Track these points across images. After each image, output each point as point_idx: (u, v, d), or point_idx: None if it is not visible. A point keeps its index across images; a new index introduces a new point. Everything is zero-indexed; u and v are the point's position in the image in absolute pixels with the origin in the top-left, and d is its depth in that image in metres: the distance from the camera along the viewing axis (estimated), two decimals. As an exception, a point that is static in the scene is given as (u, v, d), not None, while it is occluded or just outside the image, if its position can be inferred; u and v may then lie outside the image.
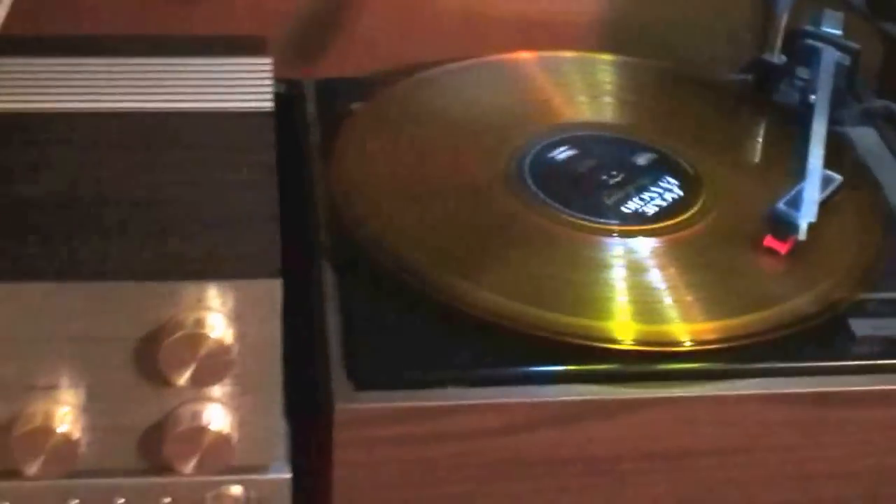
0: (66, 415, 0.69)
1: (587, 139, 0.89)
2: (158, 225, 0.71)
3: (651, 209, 0.82)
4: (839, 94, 0.90)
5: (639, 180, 0.85)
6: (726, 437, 0.75)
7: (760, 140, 0.94)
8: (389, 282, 0.77)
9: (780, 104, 0.94)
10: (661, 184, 0.84)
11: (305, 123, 0.92)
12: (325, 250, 0.81)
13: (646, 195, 0.83)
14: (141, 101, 0.82)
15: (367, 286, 0.78)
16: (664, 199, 0.83)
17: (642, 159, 0.87)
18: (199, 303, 0.68)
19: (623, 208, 0.82)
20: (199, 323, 0.68)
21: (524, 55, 0.98)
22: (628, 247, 0.80)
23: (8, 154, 0.77)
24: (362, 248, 0.79)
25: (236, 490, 0.73)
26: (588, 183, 0.84)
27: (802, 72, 0.92)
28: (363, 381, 0.73)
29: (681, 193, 0.84)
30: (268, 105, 0.82)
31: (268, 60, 0.86)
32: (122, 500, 0.73)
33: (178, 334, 0.67)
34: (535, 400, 0.73)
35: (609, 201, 0.83)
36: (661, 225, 0.81)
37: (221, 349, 0.68)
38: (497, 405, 0.73)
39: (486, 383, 0.73)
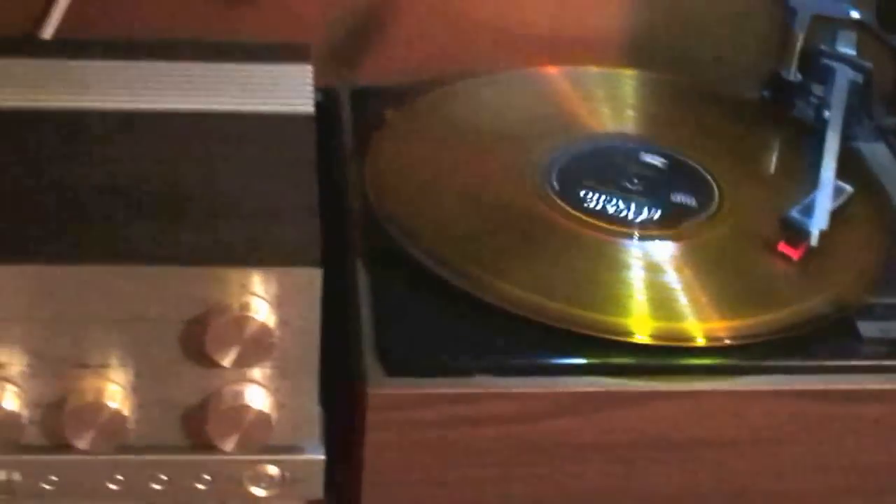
0: (115, 392, 0.73)
1: (610, 148, 0.91)
2: (207, 215, 0.74)
3: (669, 214, 0.85)
4: (852, 110, 0.92)
5: (658, 187, 0.87)
6: (737, 429, 0.77)
7: (776, 152, 0.96)
8: (420, 275, 0.80)
9: (795, 119, 0.96)
10: (679, 191, 0.87)
11: (341, 128, 0.95)
12: (358, 245, 0.84)
13: (665, 201, 0.86)
14: (192, 102, 0.85)
15: (398, 279, 0.81)
16: (682, 206, 0.86)
17: (662, 168, 0.90)
18: (244, 288, 0.71)
19: (643, 213, 0.84)
20: (244, 307, 0.71)
21: (551, 69, 1.01)
22: (647, 249, 0.82)
23: (69, 147, 0.80)
24: (394, 243, 0.82)
25: (272, 470, 0.76)
26: (610, 189, 0.86)
27: (817, 89, 0.95)
28: (394, 367, 0.76)
29: (698, 200, 0.86)
30: (309, 108, 0.85)
31: (309, 67, 0.89)
32: (165, 477, 0.76)
33: (225, 317, 0.71)
34: (557, 389, 0.76)
35: (629, 206, 0.85)
36: (679, 229, 0.84)
37: (264, 332, 0.71)
38: (520, 393, 0.76)
39: (510, 372, 0.76)
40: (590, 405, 0.76)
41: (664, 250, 0.82)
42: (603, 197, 0.86)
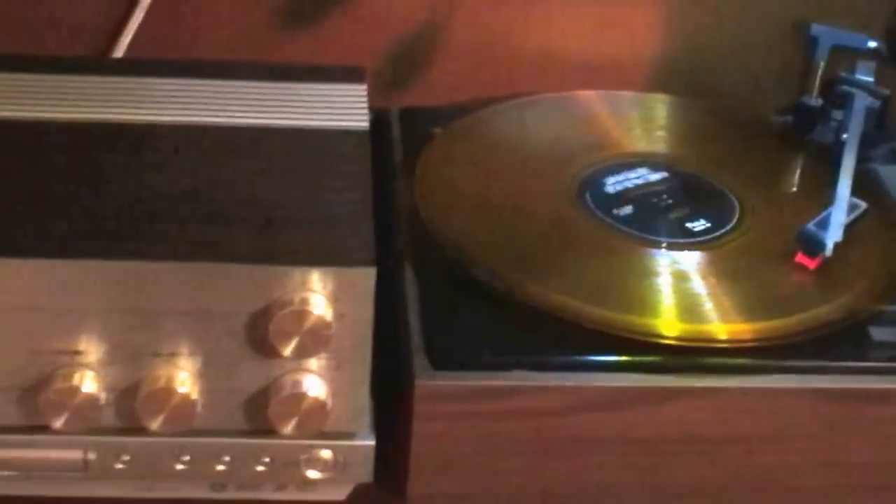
0: (185, 379, 0.77)
1: (641, 166, 0.95)
2: (271, 220, 0.78)
3: (695, 227, 0.89)
4: (869, 134, 0.95)
5: (685, 202, 0.91)
6: (757, 426, 0.81)
7: (796, 172, 1.00)
8: (463, 279, 0.84)
9: (815, 142, 1.00)
10: (705, 206, 0.91)
11: (391, 145, 0.99)
12: (406, 250, 0.88)
13: (691, 215, 0.90)
14: (255, 118, 0.89)
15: (443, 282, 0.85)
16: (707, 219, 0.90)
17: (689, 185, 0.94)
18: (304, 285, 0.75)
19: (670, 226, 0.89)
20: (304, 301, 0.75)
21: (588, 92, 1.05)
22: (674, 258, 0.86)
23: (143, 158, 0.84)
24: (439, 249, 0.86)
25: (326, 454, 0.80)
26: (641, 203, 0.91)
27: (837, 114, 0.98)
28: (440, 362, 0.80)
29: (723, 215, 0.90)
30: (364, 124, 0.89)
31: (364, 87, 0.93)
32: (228, 458, 0.80)
33: (287, 310, 0.75)
34: (589, 385, 0.80)
35: (658, 219, 0.89)
36: (704, 240, 0.88)
37: (322, 325, 0.75)
38: (555, 388, 0.79)
39: (546, 368, 0.80)
40: (619, 401, 0.80)
41: (690, 259, 0.86)
42: (633, 210, 0.90)
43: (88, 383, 0.76)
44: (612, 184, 0.93)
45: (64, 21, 1.06)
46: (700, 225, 0.90)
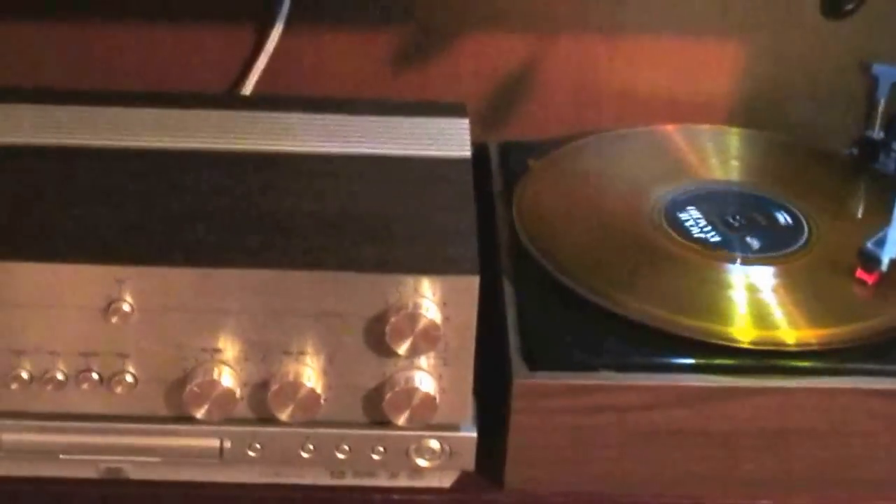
0: (311, 375, 0.83)
1: (717, 192, 1.00)
2: (388, 235, 0.85)
3: (767, 245, 0.94)
4: None
5: (757, 223, 0.96)
6: (822, 422, 0.85)
7: (859, 198, 1.05)
8: (556, 289, 0.90)
9: (878, 171, 1.05)
10: (775, 226, 0.96)
11: (491, 175, 1.05)
12: (506, 265, 0.94)
13: (763, 234, 0.95)
14: (370, 148, 0.96)
15: (539, 293, 0.91)
16: (778, 238, 0.95)
17: (761, 208, 0.98)
18: (416, 292, 0.81)
19: (744, 243, 0.94)
20: (417, 306, 0.81)
21: (668, 126, 1.10)
22: (748, 272, 0.91)
23: (273, 181, 0.91)
24: (535, 264, 0.92)
25: (434, 444, 0.86)
26: (717, 223, 0.96)
27: None
28: (535, 362, 0.85)
29: (792, 235, 0.95)
30: (466, 153, 0.95)
31: (466, 121, 0.99)
32: (348, 447, 0.86)
33: (401, 313, 0.81)
34: (670, 384, 0.85)
35: (734, 238, 0.95)
36: (775, 257, 0.93)
37: (432, 327, 0.81)
38: (640, 386, 0.85)
39: (631, 369, 0.85)
40: (697, 398, 0.85)
41: (762, 274, 0.91)
42: (711, 230, 0.95)
43: (226, 378, 0.83)
44: (691, 207, 0.98)
45: (198, 62, 1.13)
46: (771, 242, 0.95)
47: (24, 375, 0.84)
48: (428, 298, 0.82)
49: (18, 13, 1.11)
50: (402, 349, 0.83)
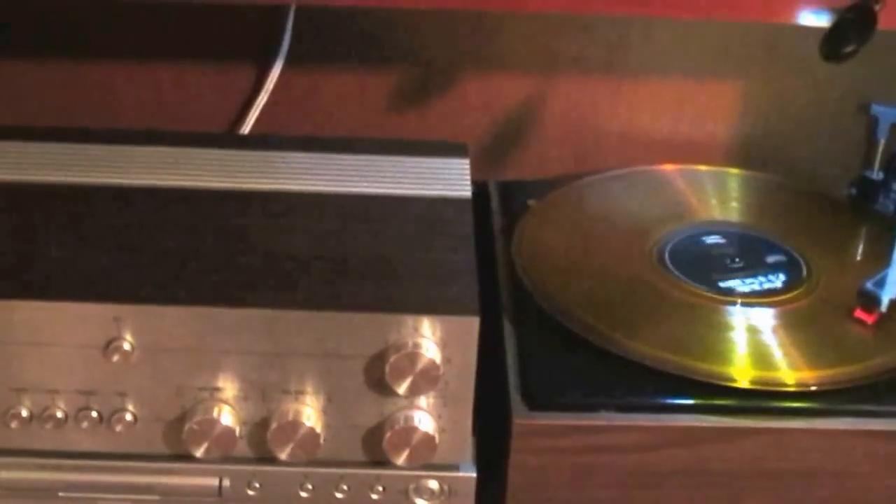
0: (310, 414, 0.84)
1: (716, 233, 1.01)
2: (387, 275, 0.85)
3: (766, 286, 0.95)
4: None
5: (757, 264, 0.97)
6: (818, 463, 0.86)
7: (858, 239, 1.05)
8: (555, 330, 0.90)
9: (877, 212, 1.06)
10: (775, 267, 0.97)
11: (491, 214, 1.06)
12: (505, 304, 0.95)
13: (762, 276, 0.96)
14: (370, 187, 0.96)
15: (538, 333, 0.91)
16: (777, 279, 0.96)
17: (760, 249, 0.99)
18: (416, 331, 0.82)
19: (743, 285, 0.95)
20: (417, 346, 0.82)
21: (668, 167, 1.11)
22: (747, 314, 0.92)
23: (280, 220, 0.92)
24: (534, 304, 0.93)
25: (433, 484, 0.86)
26: (717, 265, 0.97)
27: None
28: (535, 402, 0.86)
29: (791, 275, 0.96)
30: (466, 193, 0.96)
31: (467, 161, 1.00)
32: (347, 486, 0.86)
33: (401, 353, 0.81)
34: (669, 424, 0.85)
35: (733, 279, 0.95)
36: (774, 298, 0.94)
37: (432, 367, 0.82)
38: (638, 427, 0.85)
39: (630, 409, 0.86)
40: (697, 439, 0.85)
41: (762, 315, 0.92)
42: (710, 270, 0.96)
43: (226, 416, 0.84)
44: (690, 248, 0.99)
45: (198, 101, 1.14)
46: (770, 283, 0.95)
47: (24, 413, 0.85)
48: (428, 338, 0.83)
49: (18, 52, 1.13)
50: (402, 388, 0.83)
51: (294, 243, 0.90)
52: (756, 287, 0.95)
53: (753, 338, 0.91)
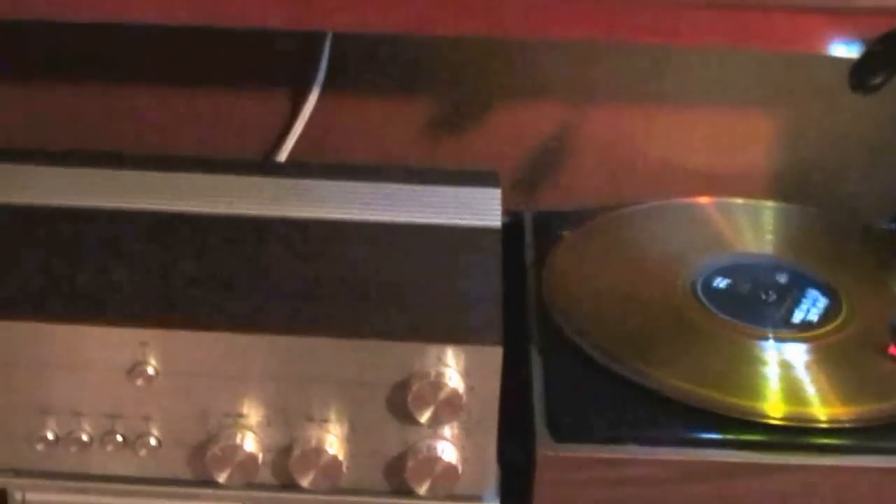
0: (334, 441, 0.83)
1: (750, 266, 1.00)
2: (413, 303, 0.86)
3: (799, 320, 0.94)
4: None
5: (791, 298, 0.96)
6: (850, 500, 0.85)
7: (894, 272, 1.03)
8: (583, 361, 0.90)
9: None
10: (810, 302, 0.96)
11: (524, 244, 1.05)
12: (534, 334, 0.94)
13: (796, 310, 0.95)
14: (402, 215, 0.97)
15: (565, 364, 0.91)
16: (811, 314, 0.94)
17: (795, 283, 0.98)
18: (440, 360, 0.82)
19: (777, 319, 0.94)
20: (440, 375, 0.81)
21: (703, 199, 1.10)
22: (780, 348, 0.91)
23: (309, 248, 0.92)
24: (563, 335, 0.92)
25: None
26: (750, 299, 0.96)
27: None
28: (561, 434, 0.85)
29: (826, 310, 0.95)
30: (496, 223, 0.96)
31: (498, 190, 1.00)
32: None
33: (424, 382, 0.81)
34: (697, 458, 0.84)
35: (766, 313, 0.94)
36: (808, 333, 0.93)
37: (455, 396, 0.82)
38: (665, 460, 0.84)
39: (658, 443, 0.85)
40: (723, 473, 0.84)
41: (795, 350, 0.91)
42: (743, 304, 0.95)
43: (249, 442, 0.84)
44: (724, 281, 0.98)
45: (235, 128, 1.15)
46: (805, 318, 0.94)
47: (50, 436, 0.85)
48: (451, 367, 0.83)
49: (56, 79, 1.14)
50: (425, 418, 0.83)
51: (322, 271, 0.90)
52: (790, 321, 0.94)
53: (786, 373, 0.90)
